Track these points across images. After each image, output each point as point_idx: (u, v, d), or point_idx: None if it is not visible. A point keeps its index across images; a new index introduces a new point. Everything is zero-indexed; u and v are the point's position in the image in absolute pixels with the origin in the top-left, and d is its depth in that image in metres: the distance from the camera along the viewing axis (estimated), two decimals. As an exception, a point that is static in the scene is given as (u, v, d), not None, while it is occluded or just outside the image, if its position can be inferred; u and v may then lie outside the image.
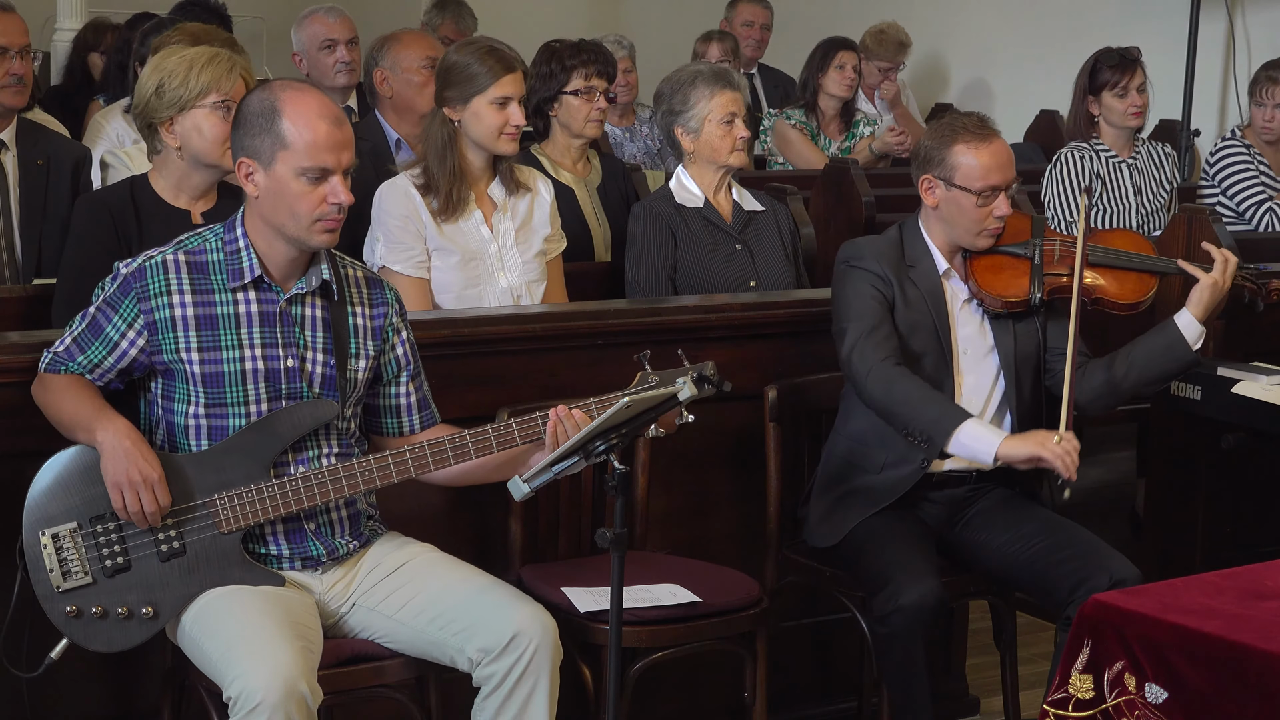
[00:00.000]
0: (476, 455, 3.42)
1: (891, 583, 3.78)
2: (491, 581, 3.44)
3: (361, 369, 3.49)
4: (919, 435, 3.89)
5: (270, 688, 3.08)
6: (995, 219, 4.00)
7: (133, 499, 3.26)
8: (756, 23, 8.69)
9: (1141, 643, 3.06)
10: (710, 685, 4.33)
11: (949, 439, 3.87)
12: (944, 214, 4.03)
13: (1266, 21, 7.77)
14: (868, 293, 3.99)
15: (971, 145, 3.98)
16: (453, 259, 4.46)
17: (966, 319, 4.09)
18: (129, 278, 3.37)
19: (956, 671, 4.78)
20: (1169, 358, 4.05)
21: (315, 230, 3.35)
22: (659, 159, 7.26)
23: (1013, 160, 4.03)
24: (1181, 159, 7.20)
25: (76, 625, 3.29)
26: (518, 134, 4.49)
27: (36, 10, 7.60)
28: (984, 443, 3.87)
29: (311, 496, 3.36)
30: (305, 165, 3.32)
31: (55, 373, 3.39)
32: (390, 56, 5.50)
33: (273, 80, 3.47)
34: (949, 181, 4.00)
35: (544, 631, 3.32)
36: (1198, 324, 4.05)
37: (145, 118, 4.08)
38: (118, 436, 3.27)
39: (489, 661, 3.30)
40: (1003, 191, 3.99)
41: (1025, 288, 4.02)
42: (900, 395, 3.90)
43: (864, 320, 3.96)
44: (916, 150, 4.11)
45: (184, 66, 4.03)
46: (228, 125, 3.97)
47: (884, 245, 4.08)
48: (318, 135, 3.31)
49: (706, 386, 3.36)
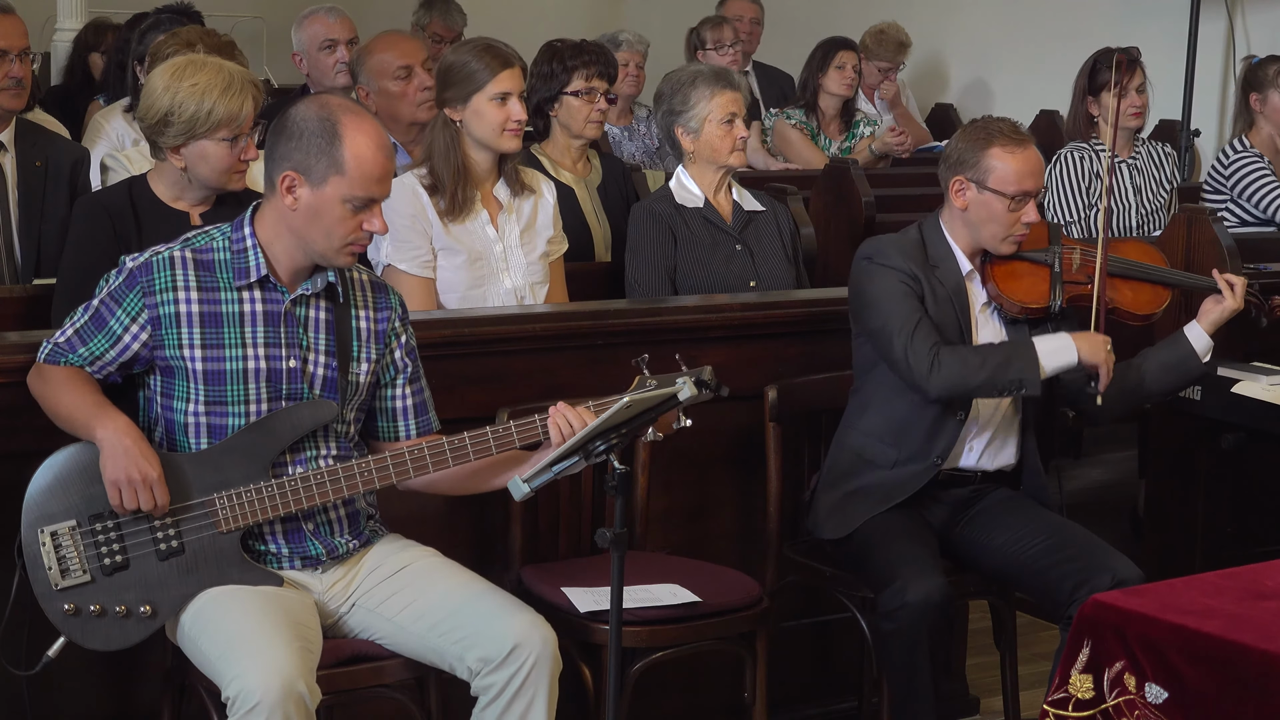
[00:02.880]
0: (475, 457, 3.41)
1: (898, 579, 3.79)
2: (492, 590, 3.43)
3: (363, 372, 3.49)
4: (1012, 386, 3.93)
5: (268, 688, 3.08)
6: (1023, 225, 4.02)
7: (130, 497, 3.26)
8: (746, 17, 8.64)
9: (1141, 643, 3.06)
10: (710, 685, 4.33)
11: (1038, 369, 3.92)
12: (973, 216, 4.04)
13: (1266, 22, 7.77)
14: (900, 290, 3.99)
15: (1008, 150, 4.00)
16: (458, 259, 4.46)
17: (985, 321, 4.11)
18: (135, 272, 3.37)
19: (956, 671, 4.78)
20: (1180, 371, 4.13)
21: (343, 252, 3.37)
22: (657, 158, 7.26)
23: (1044, 168, 4.07)
24: (1181, 159, 7.20)
25: (75, 623, 3.29)
26: (520, 129, 4.49)
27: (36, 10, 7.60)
28: (1062, 353, 3.96)
29: (310, 497, 3.36)
30: (357, 195, 3.33)
31: (55, 364, 3.39)
32: (365, 71, 5.49)
33: (329, 98, 3.45)
34: (982, 184, 4.00)
35: (543, 643, 3.31)
36: (1207, 337, 4.12)
37: (152, 136, 4.00)
38: (117, 434, 3.27)
39: (488, 672, 3.30)
40: (1032, 199, 4.02)
41: (1045, 294, 4.05)
42: (970, 368, 3.92)
43: (906, 320, 3.96)
44: (948, 152, 4.11)
45: (196, 97, 3.88)
46: (235, 155, 3.97)
47: (907, 243, 4.08)
48: (375, 168, 3.33)
49: (704, 391, 3.36)
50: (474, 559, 3.89)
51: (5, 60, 4.92)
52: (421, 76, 5.38)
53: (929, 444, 4.02)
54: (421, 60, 5.44)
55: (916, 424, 4.02)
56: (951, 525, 4.10)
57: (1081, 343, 3.96)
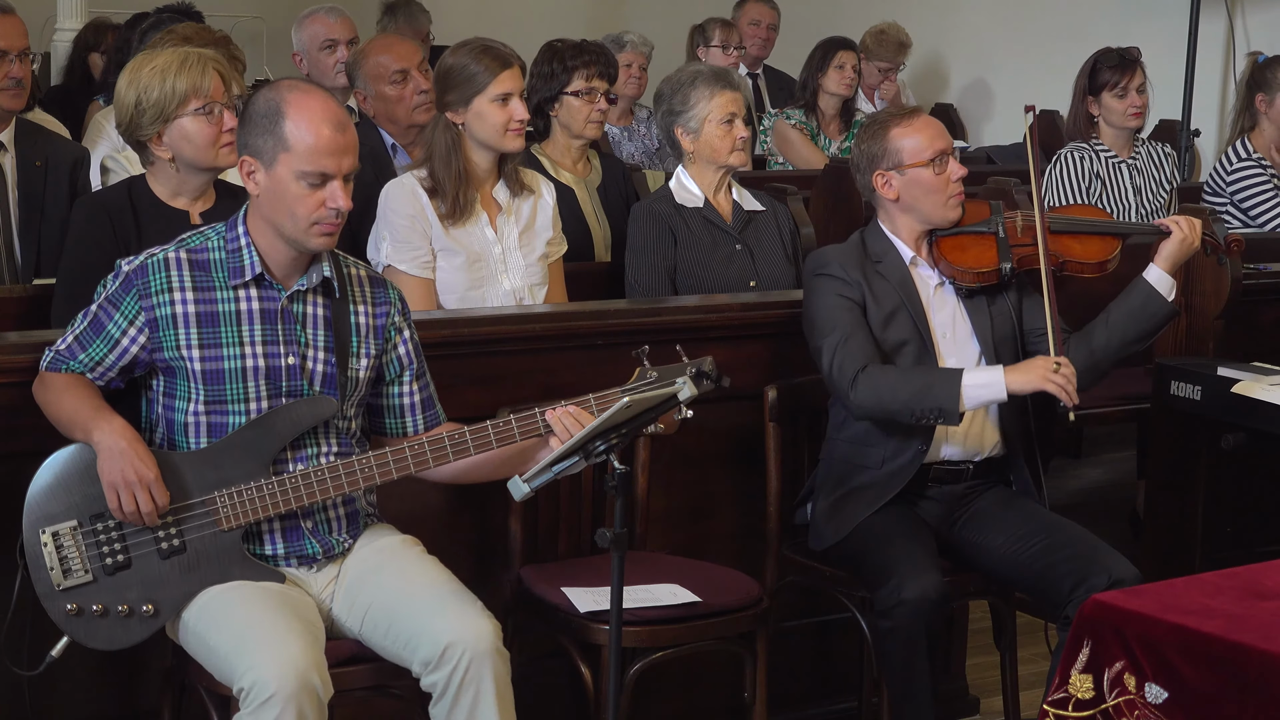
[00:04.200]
0: (476, 451, 3.41)
1: (895, 577, 3.79)
2: (431, 586, 3.38)
3: (363, 368, 3.49)
4: (930, 414, 3.92)
5: (284, 679, 3.08)
6: (955, 182, 4.09)
7: (128, 499, 3.26)
8: (764, 22, 8.69)
9: (1141, 643, 3.06)
10: (710, 685, 4.33)
11: (959, 400, 3.91)
12: (909, 200, 4.09)
13: (1266, 22, 7.77)
14: (834, 302, 4.04)
15: (904, 125, 4.11)
16: (457, 260, 4.46)
17: (941, 303, 4.13)
18: (130, 275, 3.37)
19: (956, 671, 4.78)
20: (1146, 314, 4.10)
21: (312, 233, 3.36)
22: (656, 158, 7.26)
23: (943, 127, 4.18)
24: (1181, 159, 7.20)
25: (77, 623, 3.29)
26: (523, 129, 4.49)
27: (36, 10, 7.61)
28: (990, 386, 3.93)
29: (311, 494, 3.36)
30: (305, 169, 3.32)
31: (56, 371, 3.40)
32: (361, 75, 5.49)
33: (281, 81, 3.47)
34: (900, 166, 4.08)
35: (477, 639, 3.27)
36: (1168, 276, 4.11)
37: (132, 135, 4.05)
38: (114, 436, 3.27)
39: (429, 672, 3.28)
40: (950, 155, 4.10)
41: (994, 259, 4.09)
42: (889, 390, 3.93)
43: (836, 333, 4.01)
44: (855, 160, 4.18)
45: (157, 78, 3.99)
46: (215, 128, 4.00)
47: (847, 248, 4.15)
48: (319, 140, 3.31)
49: (705, 382, 3.36)
50: (474, 559, 3.90)
51: (5, 60, 4.92)
52: (418, 79, 5.38)
53: (909, 436, 4.04)
54: (417, 63, 5.44)
55: (894, 421, 4.03)
56: (948, 524, 4.10)
57: (1014, 375, 3.92)
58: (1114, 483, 6.13)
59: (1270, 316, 5.12)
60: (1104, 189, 5.95)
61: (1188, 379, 4.60)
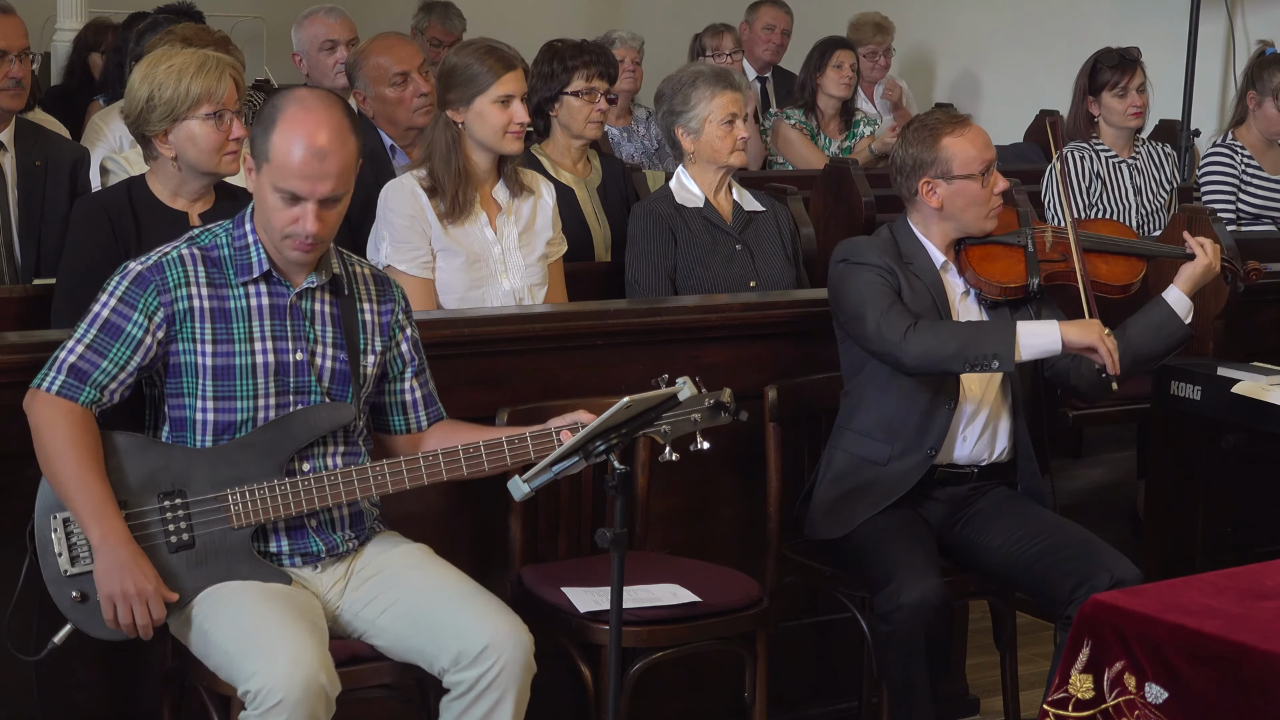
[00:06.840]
0: (490, 467, 3.44)
1: (894, 580, 3.79)
2: (473, 589, 3.42)
3: (371, 364, 3.51)
4: (984, 359, 3.91)
5: (291, 684, 3.08)
6: (997, 196, 4.10)
7: (125, 612, 3.24)
8: (778, 27, 8.70)
9: (1141, 642, 3.06)
10: (710, 685, 4.33)
11: (1015, 346, 3.90)
12: (951, 209, 4.09)
13: (1266, 22, 7.76)
14: (874, 279, 4.04)
15: (956, 135, 4.09)
16: (457, 260, 4.46)
17: (966, 310, 4.13)
18: (145, 273, 3.36)
19: (956, 671, 4.78)
20: (1163, 334, 4.10)
21: (285, 245, 3.38)
22: (656, 159, 7.26)
23: (989, 137, 4.18)
24: (1181, 159, 7.19)
25: (81, 611, 3.29)
26: (522, 132, 4.49)
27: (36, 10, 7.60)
28: (1046, 336, 3.94)
29: (324, 497, 3.38)
30: (278, 184, 3.34)
31: (64, 400, 3.29)
32: (361, 76, 5.47)
33: (297, 89, 3.50)
34: (948, 175, 4.06)
35: (516, 647, 3.29)
36: (1186, 299, 4.12)
37: (138, 128, 4.06)
38: (115, 547, 3.23)
39: (459, 669, 3.29)
40: (994, 167, 4.11)
41: (1022, 274, 4.09)
42: (941, 340, 3.93)
43: (879, 300, 3.99)
44: (901, 161, 4.15)
45: (173, 77, 3.99)
46: (221, 134, 4.00)
47: (880, 242, 4.14)
48: (292, 161, 3.31)
49: (724, 414, 3.43)
50: (474, 559, 3.89)
51: (5, 60, 4.92)
52: (418, 82, 5.36)
53: (921, 436, 4.03)
54: (418, 65, 5.42)
55: (908, 416, 4.03)
56: (950, 525, 4.10)
57: (1069, 329, 3.95)
58: (1114, 483, 6.13)
59: (1270, 316, 5.12)
60: (1104, 189, 5.95)
61: (1188, 379, 4.61)
